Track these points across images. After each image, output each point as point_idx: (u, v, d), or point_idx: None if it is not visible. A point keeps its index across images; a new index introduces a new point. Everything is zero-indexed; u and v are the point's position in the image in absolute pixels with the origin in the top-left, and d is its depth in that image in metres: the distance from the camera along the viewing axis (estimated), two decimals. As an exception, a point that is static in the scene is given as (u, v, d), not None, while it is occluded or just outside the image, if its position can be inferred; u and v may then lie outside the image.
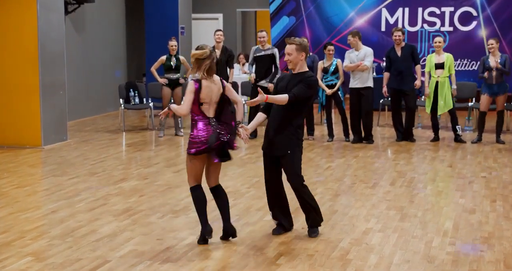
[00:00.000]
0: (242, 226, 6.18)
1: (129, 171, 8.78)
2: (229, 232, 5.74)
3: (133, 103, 12.68)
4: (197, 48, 5.64)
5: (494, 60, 10.50)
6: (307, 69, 5.80)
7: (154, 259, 5.28)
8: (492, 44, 10.60)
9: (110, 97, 15.00)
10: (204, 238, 5.64)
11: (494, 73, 10.56)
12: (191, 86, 5.50)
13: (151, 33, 15.54)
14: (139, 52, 16.46)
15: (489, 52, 10.65)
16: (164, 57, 11.61)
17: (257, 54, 11.39)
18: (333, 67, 10.95)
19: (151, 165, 9.19)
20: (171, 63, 11.55)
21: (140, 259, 5.28)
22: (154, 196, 7.40)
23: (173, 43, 11.59)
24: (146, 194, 7.49)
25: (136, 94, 12.68)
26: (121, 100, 12.60)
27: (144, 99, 13.02)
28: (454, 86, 10.78)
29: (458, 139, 10.90)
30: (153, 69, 11.68)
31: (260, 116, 5.94)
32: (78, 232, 6.02)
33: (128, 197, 7.34)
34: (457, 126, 10.87)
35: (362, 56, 10.85)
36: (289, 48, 5.70)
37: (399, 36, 10.93)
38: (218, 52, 11.49)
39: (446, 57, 10.80)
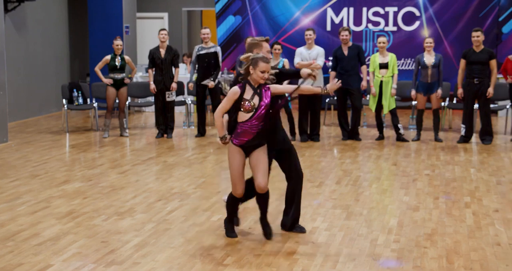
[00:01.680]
0: (188, 227, 6.14)
1: (73, 173, 8.63)
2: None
3: (77, 103, 12.49)
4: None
5: (429, 58, 10.71)
6: None
7: (98, 262, 5.19)
8: (430, 43, 10.80)
9: (52, 98, 14.74)
10: None
11: (429, 71, 10.75)
12: None
13: (95, 32, 15.33)
14: (82, 52, 16.22)
15: (425, 51, 10.82)
16: (108, 57, 11.45)
17: (200, 52, 11.36)
18: (280, 67, 10.98)
19: (95, 166, 9.05)
20: (116, 63, 11.40)
21: (84, 263, 5.18)
22: (98, 198, 7.28)
23: (118, 42, 11.44)
24: (90, 196, 7.37)
25: (80, 94, 12.49)
26: (64, 100, 12.38)
27: (88, 100, 12.84)
28: (395, 86, 10.93)
29: (400, 138, 11.06)
30: (97, 69, 11.50)
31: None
32: (19, 236, 5.88)
33: (71, 199, 7.20)
34: (398, 125, 11.02)
35: (314, 55, 10.93)
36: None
37: (346, 35, 11.03)
38: (162, 52, 11.40)
39: (390, 57, 10.94)
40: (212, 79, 11.35)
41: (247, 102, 5.42)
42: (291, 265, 5.12)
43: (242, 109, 5.43)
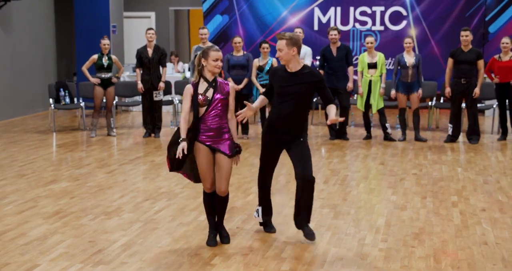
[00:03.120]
0: (176, 227, 6.12)
1: (60, 172, 8.59)
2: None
3: (64, 103, 12.43)
4: None
5: (409, 58, 10.75)
6: (303, 64, 5.68)
7: (86, 262, 5.17)
8: (410, 43, 10.84)
9: (39, 97, 14.66)
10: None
11: (410, 71, 10.79)
12: None
13: (81, 32, 15.26)
14: (69, 51, 16.14)
15: (405, 51, 10.86)
16: (95, 56, 11.40)
17: (198, 53, 11.31)
18: (268, 66, 10.98)
19: (82, 166, 9.01)
20: (103, 62, 11.34)
21: (71, 262, 5.16)
22: (85, 197, 7.25)
23: (105, 41, 11.39)
24: (77, 195, 7.33)
25: (67, 94, 12.42)
26: (51, 100, 12.32)
27: (75, 99, 12.78)
28: (383, 85, 10.96)
29: (388, 137, 11.08)
30: (84, 68, 11.44)
31: (264, 99, 5.84)
32: (6, 235, 5.84)
33: (58, 198, 7.17)
34: (386, 125, 11.06)
35: (302, 54, 10.93)
36: (280, 43, 5.55)
37: (335, 35, 11.03)
38: (150, 51, 11.36)
39: (379, 57, 10.97)
40: None
41: (200, 96, 5.40)
42: (278, 265, 5.12)
43: (199, 103, 5.43)
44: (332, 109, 5.66)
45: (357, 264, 5.16)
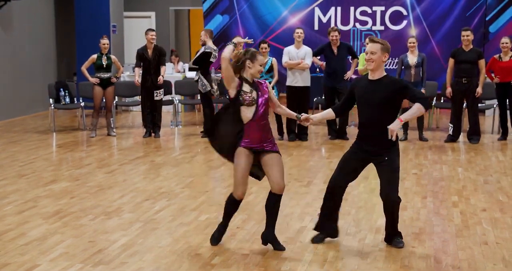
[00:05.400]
0: (176, 227, 6.11)
1: (60, 172, 8.58)
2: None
3: (64, 103, 12.42)
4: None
5: (412, 58, 10.76)
6: (386, 73, 5.53)
7: (86, 262, 5.16)
8: (413, 42, 10.84)
9: (39, 97, 14.65)
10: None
11: (412, 71, 10.79)
12: None
13: (82, 32, 15.25)
14: (69, 51, 16.14)
15: (409, 50, 10.87)
16: (95, 56, 11.39)
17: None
18: (268, 66, 10.97)
19: (82, 166, 9.00)
20: (102, 62, 11.33)
21: (72, 262, 5.15)
22: (85, 197, 7.24)
23: (105, 41, 11.38)
24: (77, 195, 7.33)
25: (67, 93, 12.41)
26: (51, 100, 12.31)
27: (75, 99, 12.77)
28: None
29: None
30: (83, 68, 11.43)
31: (329, 113, 5.89)
32: (6, 235, 5.84)
33: (58, 198, 7.16)
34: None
35: (302, 54, 10.93)
36: (374, 46, 5.44)
37: (335, 36, 11.04)
38: (150, 52, 11.32)
39: (377, 57, 10.96)
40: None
41: (246, 96, 5.26)
42: (279, 265, 5.11)
43: (243, 102, 5.25)
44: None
45: (357, 264, 5.16)
